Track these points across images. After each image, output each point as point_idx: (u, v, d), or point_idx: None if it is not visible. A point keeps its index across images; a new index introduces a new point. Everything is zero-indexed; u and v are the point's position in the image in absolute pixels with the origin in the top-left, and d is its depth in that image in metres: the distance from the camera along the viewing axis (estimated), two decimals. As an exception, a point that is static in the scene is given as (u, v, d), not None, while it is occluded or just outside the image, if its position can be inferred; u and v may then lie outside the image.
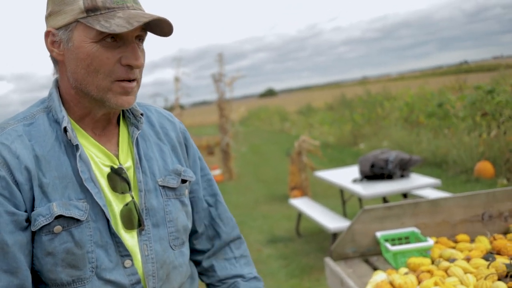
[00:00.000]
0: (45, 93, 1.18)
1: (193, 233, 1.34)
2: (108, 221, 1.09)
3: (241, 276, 1.35)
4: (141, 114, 1.19)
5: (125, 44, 1.07)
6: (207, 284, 1.39)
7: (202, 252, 1.36)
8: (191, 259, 1.39)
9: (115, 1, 1.04)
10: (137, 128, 1.18)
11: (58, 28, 1.08)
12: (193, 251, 1.37)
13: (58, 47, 1.09)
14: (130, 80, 1.09)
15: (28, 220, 1.05)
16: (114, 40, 1.05)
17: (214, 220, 1.35)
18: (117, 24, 1.02)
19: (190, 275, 1.29)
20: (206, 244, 1.36)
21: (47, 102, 1.14)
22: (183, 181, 1.23)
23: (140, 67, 1.09)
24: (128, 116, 1.20)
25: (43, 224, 1.03)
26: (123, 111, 1.21)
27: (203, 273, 1.38)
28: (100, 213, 1.08)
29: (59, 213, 1.03)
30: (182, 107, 11.99)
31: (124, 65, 1.07)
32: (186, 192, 1.25)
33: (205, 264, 1.36)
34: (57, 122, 1.11)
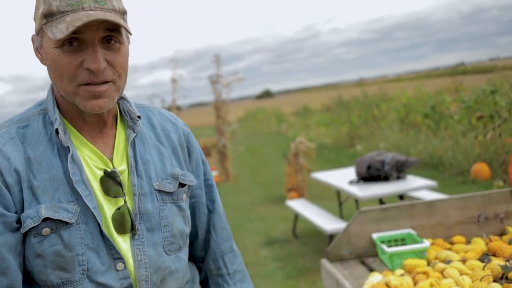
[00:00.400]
0: (42, 95, 1.18)
1: (196, 239, 1.32)
2: (99, 224, 1.07)
3: None
4: (138, 117, 1.17)
5: (87, 47, 1.03)
6: None
7: (203, 259, 1.35)
8: (196, 265, 1.37)
9: (70, 4, 1.00)
10: (133, 131, 1.16)
11: (37, 34, 1.08)
12: (197, 258, 1.35)
13: (40, 53, 1.10)
14: (98, 83, 1.04)
15: (19, 221, 1.04)
16: (77, 43, 1.02)
17: (208, 227, 1.32)
18: (60, 30, 0.99)
19: (189, 279, 1.27)
20: (204, 251, 1.34)
21: (44, 105, 1.14)
22: (182, 185, 1.21)
23: (99, 71, 1.02)
24: (126, 119, 1.18)
25: (31, 226, 1.03)
26: (121, 113, 1.19)
27: (202, 283, 1.37)
28: (91, 216, 1.07)
29: (46, 216, 1.03)
30: (179, 108, 11.99)
31: (85, 69, 1.03)
32: (184, 196, 1.22)
33: (204, 275, 1.35)
34: (52, 124, 1.10)
